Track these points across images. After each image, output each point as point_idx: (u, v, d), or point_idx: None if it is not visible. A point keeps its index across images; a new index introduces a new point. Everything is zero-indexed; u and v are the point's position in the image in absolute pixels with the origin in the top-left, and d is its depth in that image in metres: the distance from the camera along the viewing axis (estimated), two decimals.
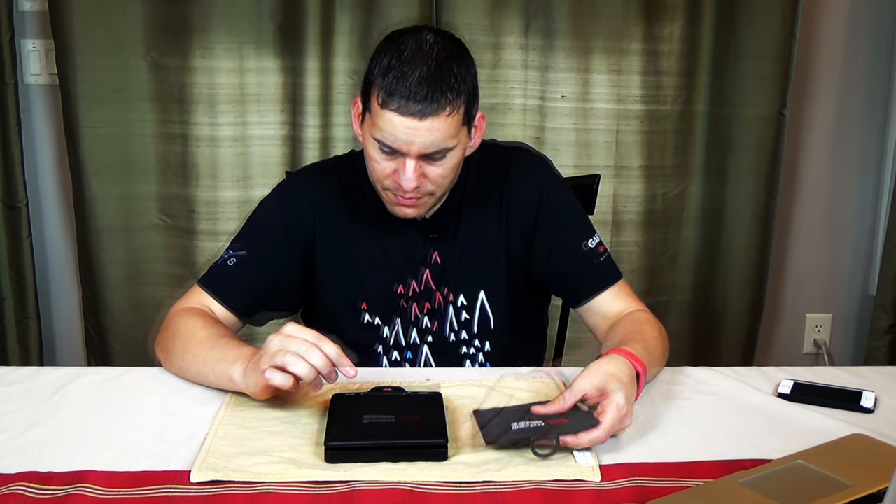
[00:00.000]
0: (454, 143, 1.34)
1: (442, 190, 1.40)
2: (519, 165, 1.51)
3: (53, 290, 2.61)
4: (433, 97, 1.29)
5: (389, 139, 1.31)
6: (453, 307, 1.49)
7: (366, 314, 1.49)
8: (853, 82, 2.64)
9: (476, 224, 1.49)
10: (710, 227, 2.57)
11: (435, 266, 1.49)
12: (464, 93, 1.33)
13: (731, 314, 2.61)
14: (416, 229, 1.48)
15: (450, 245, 1.49)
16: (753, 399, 1.30)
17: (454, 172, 1.40)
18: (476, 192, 1.49)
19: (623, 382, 1.16)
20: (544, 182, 1.50)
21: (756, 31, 2.42)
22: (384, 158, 1.35)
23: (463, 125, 1.35)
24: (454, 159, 1.37)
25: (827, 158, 2.69)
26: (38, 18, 2.42)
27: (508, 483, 1.05)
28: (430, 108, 1.29)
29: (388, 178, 1.36)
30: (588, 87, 2.43)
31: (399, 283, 1.48)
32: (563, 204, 1.51)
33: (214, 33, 2.33)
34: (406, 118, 1.29)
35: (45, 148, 2.52)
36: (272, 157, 2.40)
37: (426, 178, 1.36)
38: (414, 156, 1.33)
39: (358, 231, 1.48)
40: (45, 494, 1.02)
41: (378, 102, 1.31)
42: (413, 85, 1.28)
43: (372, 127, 1.34)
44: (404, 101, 1.28)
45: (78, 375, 1.35)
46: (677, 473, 1.08)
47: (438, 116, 1.30)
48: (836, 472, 1.02)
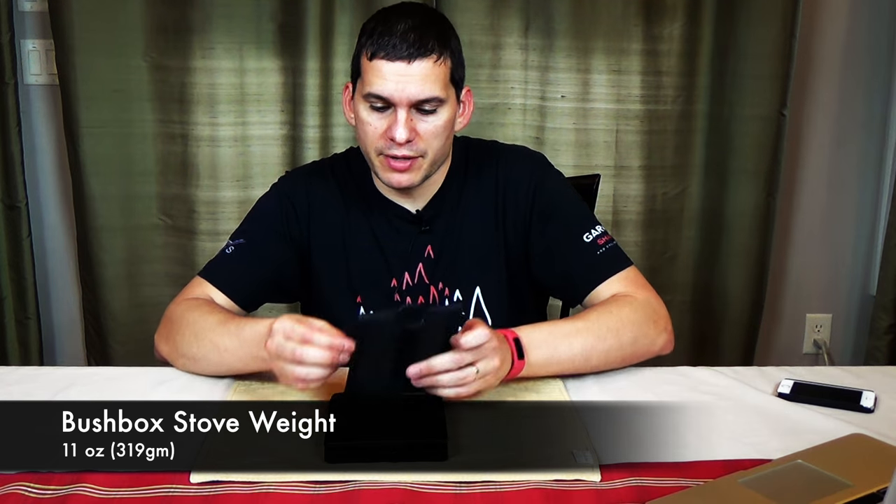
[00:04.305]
0: (444, 94, 1.37)
1: (433, 154, 1.40)
2: (514, 162, 1.51)
3: (53, 290, 2.61)
4: (421, 42, 1.34)
5: (379, 88, 1.35)
6: (448, 302, 1.49)
7: (361, 308, 1.49)
8: (853, 82, 2.64)
9: (471, 219, 1.49)
10: (710, 227, 2.57)
11: (428, 260, 1.48)
12: (449, 48, 1.38)
13: (731, 314, 2.60)
14: (409, 223, 1.48)
15: (444, 239, 1.48)
16: (753, 399, 1.30)
17: (445, 138, 1.40)
18: (472, 188, 1.49)
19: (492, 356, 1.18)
20: (539, 177, 1.50)
21: (756, 30, 2.41)
22: (376, 117, 1.37)
23: (451, 85, 1.39)
24: (445, 116, 1.38)
25: (827, 158, 2.69)
26: (38, 18, 2.42)
27: (508, 483, 1.05)
28: (417, 52, 1.34)
29: (381, 139, 1.38)
30: (588, 87, 2.43)
31: (393, 276, 1.48)
32: (559, 198, 1.50)
33: (214, 33, 2.32)
34: (395, 63, 1.34)
35: (45, 148, 2.52)
36: (272, 157, 2.40)
37: (418, 135, 1.37)
38: (405, 105, 1.35)
39: (352, 225, 1.49)
40: (45, 494, 1.02)
41: (367, 58, 1.36)
42: (400, 33, 1.34)
43: (362, 88, 1.38)
44: (392, 48, 1.34)
45: (78, 375, 1.35)
46: (677, 473, 1.08)
47: (426, 60, 1.34)
48: (836, 472, 1.02)
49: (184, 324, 1.35)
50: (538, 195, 1.48)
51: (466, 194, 1.49)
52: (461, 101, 1.44)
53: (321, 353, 1.14)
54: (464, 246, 1.48)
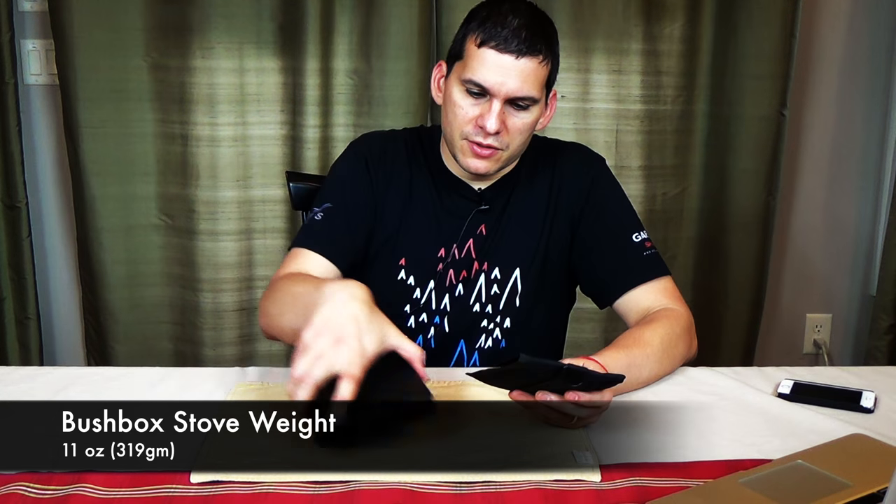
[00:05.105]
0: (539, 95, 1.40)
1: (513, 149, 1.44)
2: (574, 155, 1.57)
3: (53, 290, 2.61)
4: (532, 40, 1.36)
5: (481, 77, 1.37)
6: (485, 278, 1.52)
7: (402, 271, 1.51)
8: (853, 82, 2.64)
9: (525, 204, 1.53)
10: (710, 227, 2.57)
11: (479, 237, 1.52)
12: (552, 53, 1.41)
13: (731, 314, 2.61)
14: (470, 200, 1.52)
15: (497, 219, 1.52)
16: (753, 399, 1.30)
17: (527, 135, 1.44)
18: (530, 174, 1.54)
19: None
20: (597, 171, 1.55)
21: (756, 31, 2.42)
22: (470, 103, 1.40)
23: (545, 88, 1.42)
24: (533, 115, 1.42)
25: (827, 158, 2.69)
26: (38, 18, 2.42)
27: (508, 483, 1.05)
28: (527, 49, 1.36)
29: (470, 124, 1.41)
30: (588, 87, 2.43)
31: (442, 246, 1.51)
32: (613, 197, 1.55)
33: (214, 33, 2.33)
34: (504, 55, 1.36)
35: (45, 148, 2.52)
36: (272, 157, 2.40)
37: (506, 129, 1.40)
38: (502, 98, 1.38)
39: (415, 192, 1.52)
40: (45, 494, 1.02)
41: (476, 44, 1.38)
42: (513, 27, 1.36)
43: (462, 71, 1.40)
44: (503, 41, 1.36)
45: (78, 376, 1.35)
46: (677, 473, 1.08)
47: (533, 59, 1.37)
48: (836, 472, 1.02)
49: (278, 299, 1.33)
50: (593, 189, 1.52)
51: (525, 183, 1.53)
52: (550, 98, 1.47)
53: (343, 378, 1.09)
54: (514, 229, 1.52)
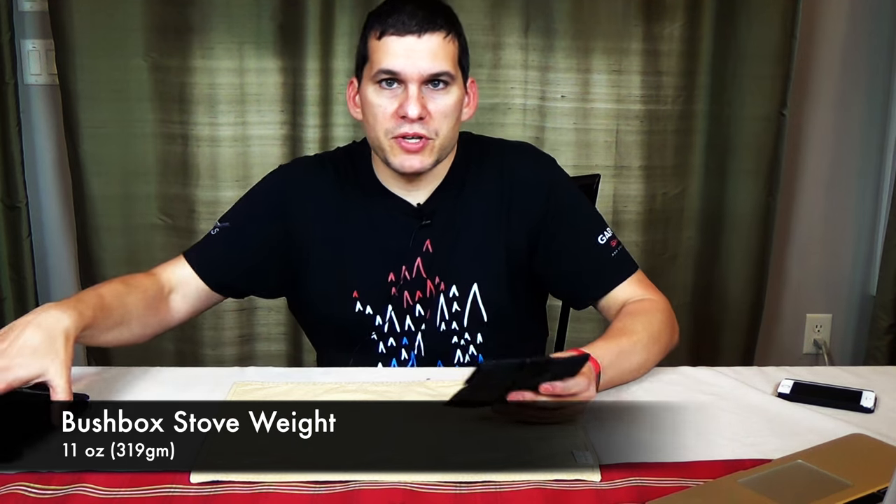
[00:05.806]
0: (454, 71, 1.38)
1: (443, 137, 1.40)
2: (521, 158, 1.51)
3: (53, 290, 2.61)
4: (430, 17, 1.36)
5: (390, 63, 1.36)
6: (444, 297, 1.47)
7: (357, 303, 1.47)
8: (853, 82, 2.64)
9: (474, 216, 1.47)
10: (710, 227, 2.57)
11: (426, 254, 1.46)
12: (456, 30, 1.40)
13: (731, 314, 2.60)
14: (409, 216, 1.46)
15: (443, 234, 1.47)
16: (753, 399, 1.30)
17: (454, 121, 1.41)
18: (473, 182, 1.48)
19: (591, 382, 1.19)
20: (552, 178, 1.50)
21: (756, 31, 2.42)
22: (387, 97, 1.38)
23: (459, 67, 1.40)
24: (454, 97, 1.39)
25: (827, 158, 2.69)
26: (38, 18, 2.42)
27: (508, 483, 1.05)
28: (428, 25, 1.35)
29: (391, 119, 1.38)
30: (588, 87, 2.43)
31: (391, 270, 1.46)
32: (573, 200, 1.51)
33: (214, 33, 2.32)
34: (406, 37, 1.35)
35: (45, 148, 2.52)
36: (272, 157, 2.40)
37: (429, 114, 1.37)
38: (416, 81, 1.36)
39: (350, 217, 1.47)
40: (45, 494, 1.02)
41: (376, 38, 1.38)
42: (408, 11, 1.36)
43: (371, 70, 1.39)
44: (401, 24, 1.35)
45: (78, 375, 1.34)
46: (677, 473, 1.08)
47: (436, 34, 1.36)
48: (835, 471, 1.02)
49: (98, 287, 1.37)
50: (552, 195, 1.48)
51: (468, 189, 1.48)
52: (467, 90, 1.45)
53: None
54: (463, 241, 1.47)
